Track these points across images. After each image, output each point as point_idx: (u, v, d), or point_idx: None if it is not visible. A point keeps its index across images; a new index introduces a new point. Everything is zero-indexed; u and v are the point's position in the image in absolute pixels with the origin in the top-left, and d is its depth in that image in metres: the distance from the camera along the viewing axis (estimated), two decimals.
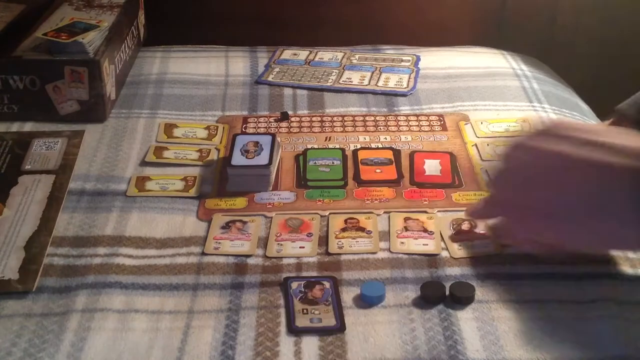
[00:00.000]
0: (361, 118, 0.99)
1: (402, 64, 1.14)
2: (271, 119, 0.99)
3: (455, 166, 0.88)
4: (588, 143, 0.61)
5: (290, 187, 0.84)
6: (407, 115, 0.99)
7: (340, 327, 0.64)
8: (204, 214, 0.79)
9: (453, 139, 0.94)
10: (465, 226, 0.77)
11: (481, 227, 0.76)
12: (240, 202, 0.81)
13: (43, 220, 0.77)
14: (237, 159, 0.84)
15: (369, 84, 1.07)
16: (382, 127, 0.96)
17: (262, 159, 0.84)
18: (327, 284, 0.69)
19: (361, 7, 1.25)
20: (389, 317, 0.65)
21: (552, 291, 0.69)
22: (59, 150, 0.89)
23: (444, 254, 0.73)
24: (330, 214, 0.79)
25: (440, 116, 0.99)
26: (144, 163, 0.88)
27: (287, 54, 1.18)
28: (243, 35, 1.23)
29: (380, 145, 0.92)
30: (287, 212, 0.80)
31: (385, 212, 0.80)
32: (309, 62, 1.15)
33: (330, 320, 0.65)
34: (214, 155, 0.90)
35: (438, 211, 0.80)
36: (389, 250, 0.74)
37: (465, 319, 0.65)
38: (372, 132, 0.95)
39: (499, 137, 0.94)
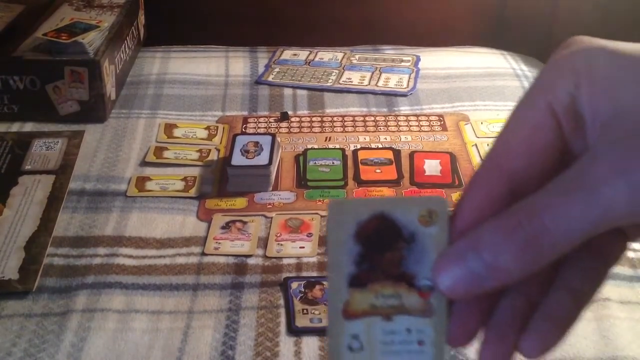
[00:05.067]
0: (361, 118, 0.99)
1: (402, 64, 1.14)
2: (271, 119, 0.99)
3: (455, 166, 0.88)
4: None
5: (290, 187, 0.84)
6: (407, 116, 0.99)
7: None
8: (204, 214, 0.79)
9: (453, 139, 0.94)
10: None
11: None
12: (240, 202, 0.81)
13: (43, 221, 0.77)
14: (237, 159, 0.84)
15: (369, 84, 1.07)
16: (382, 127, 0.96)
17: (262, 159, 0.84)
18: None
19: (361, 7, 1.25)
20: None
21: None
22: (59, 151, 0.89)
23: None
24: None
25: (440, 116, 0.99)
26: (144, 163, 0.88)
27: (287, 54, 1.18)
28: (243, 35, 1.23)
29: (380, 146, 0.92)
30: (287, 212, 0.80)
31: None
32: (309, 62, 1.15)
33: None
34: (214, 156, 0.90)
35: None
36: None
37: None
38: (372, 132, 0.95)
39: None
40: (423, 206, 0.31)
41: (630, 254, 0.74)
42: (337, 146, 0.92)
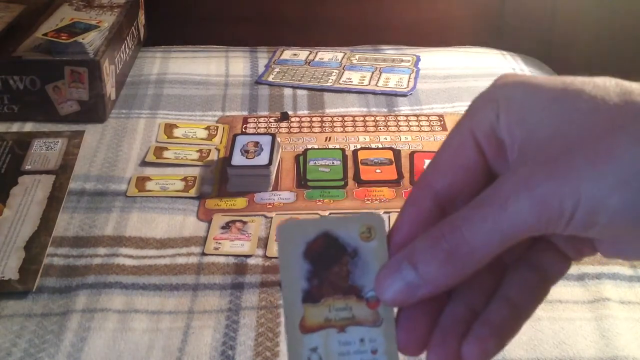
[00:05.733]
0: (361, 118, 0.99)
1: (402, 64, 1.14)
2: (271, 119, 0.99)
3: None
4: None
5: (290, 187, 0.84)
6: (407, 116, 0.99)
7: None
8: (204, 214, 0.79)
9: None
10: None
11: None
12: (240, 202, 0.81)
13: (43, 221, 0.77)
14: (237, 159, 0.84)
15: (369, 84, 1.07)
16: (382, 127, 0.96)
17: (262, 159, 0.84)
18: None
19: (361, 7, 1.25)
20: None
21: (553, 291, 0.68)
22: (59, 151, 0.89)
23: None
24: (330, 214, 0.79)
25: (440, 116, 0.99)
26: (144, 163, 0.88)
27: (287, 54, 1.18)
28: (243, 35, 1.23)
29: (380, 146, 0.92)
30: (287, 212, 0.80)
31: (385, 212, 0.79)
32: (309, 62, 1.15)
33: None
34: (214, 156, 0.90)
35: None
36: None
37: None
38: (372, 132, 0.95)
39: None
40: (362, 223, 0.34)
41: None
42: (337, 146, 0.92)
